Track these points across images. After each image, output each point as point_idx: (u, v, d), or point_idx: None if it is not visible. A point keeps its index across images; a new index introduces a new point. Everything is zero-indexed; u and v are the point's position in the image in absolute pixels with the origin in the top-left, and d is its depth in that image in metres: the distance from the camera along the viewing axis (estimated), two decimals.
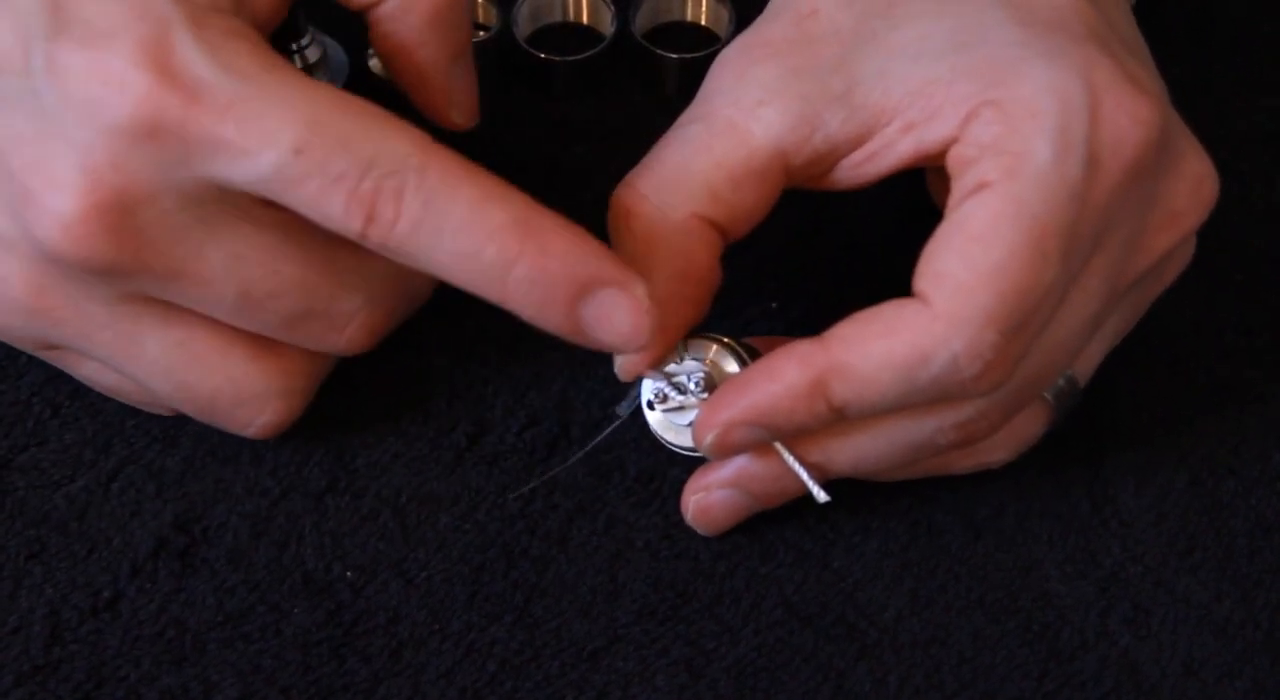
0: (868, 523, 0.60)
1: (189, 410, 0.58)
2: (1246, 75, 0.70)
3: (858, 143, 0.55)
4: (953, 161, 0.54)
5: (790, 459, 0.56)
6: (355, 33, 0.62)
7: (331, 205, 0.52)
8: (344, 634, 0.58)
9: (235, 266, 0.54)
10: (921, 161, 0.55)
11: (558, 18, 0.71)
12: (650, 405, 0.57)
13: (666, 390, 0.56)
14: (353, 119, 0.51)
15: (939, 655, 0.58)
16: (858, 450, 0.56)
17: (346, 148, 0.51)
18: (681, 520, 0.60)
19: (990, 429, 0.55)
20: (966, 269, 0.51)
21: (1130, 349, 0.62)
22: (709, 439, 0.55)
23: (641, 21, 0.69)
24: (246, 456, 0.60)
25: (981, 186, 0.52)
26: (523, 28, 0.69)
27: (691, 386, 0.56)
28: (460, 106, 0.60)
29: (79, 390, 0.61)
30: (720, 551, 0.60)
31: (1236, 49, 0.71)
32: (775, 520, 0.60)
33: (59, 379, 0.61)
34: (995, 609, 0.59)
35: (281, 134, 0.51)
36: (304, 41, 0.65)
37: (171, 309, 0.56)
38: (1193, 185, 0.55)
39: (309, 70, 0.66)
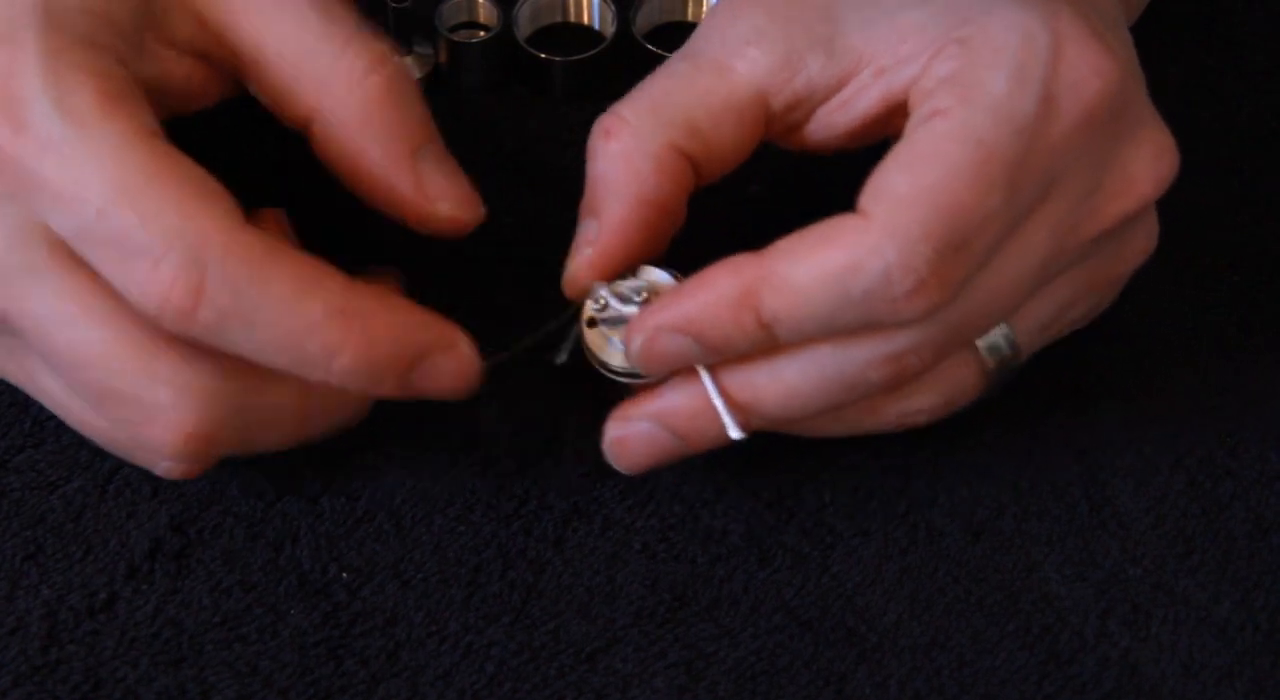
0: (866, 526, 0.60)
1: (100, 446, 0.57)
2: (1246, 75, 0.70)
3: (836, 89, 0.56)
4: (913, 97, 0.54)
5: (709, 382, 0.55)
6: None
7: (129, 280, 0.51)
8: (341, 635, 0.58)
9: (50, 326, 0.53)
10: (889, 108, 0.56)
11: (558, 18, 0.71)
12: (591, 322, 0.57)
13: (608, 297, 0.56)
14: (164, 189, 0.51)
15: (939, 659, 0.58)
16: (786, 386, 0.55)
17: (148, 221, 0.50)
18: (679, 523, 0.60)
19: (921, 365, 0.55)
20: (908, 184, 0.52)
21: (1126, 348, 0.62)
22: (636, 343, 0.55)
23: (642, 22, 0.69)
24: (242, 458, 0.60)
25: (935, 114, 0.53)
26: (523, 28, 0.69)
27: (634, 296, 0.56)
28: (450, 199, 0.57)
29: None
30: (718, 555, 0.59)
31: (1236, 49, 0.71)
32: (773, 525, 0.60)
33: None
34: (995, 611, 0.59)
35: (90, 191, 0.50)
36: None
37: None
38: (1152, 153, 0.56)
39: None
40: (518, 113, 0.68)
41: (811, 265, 0.52)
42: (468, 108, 0.68)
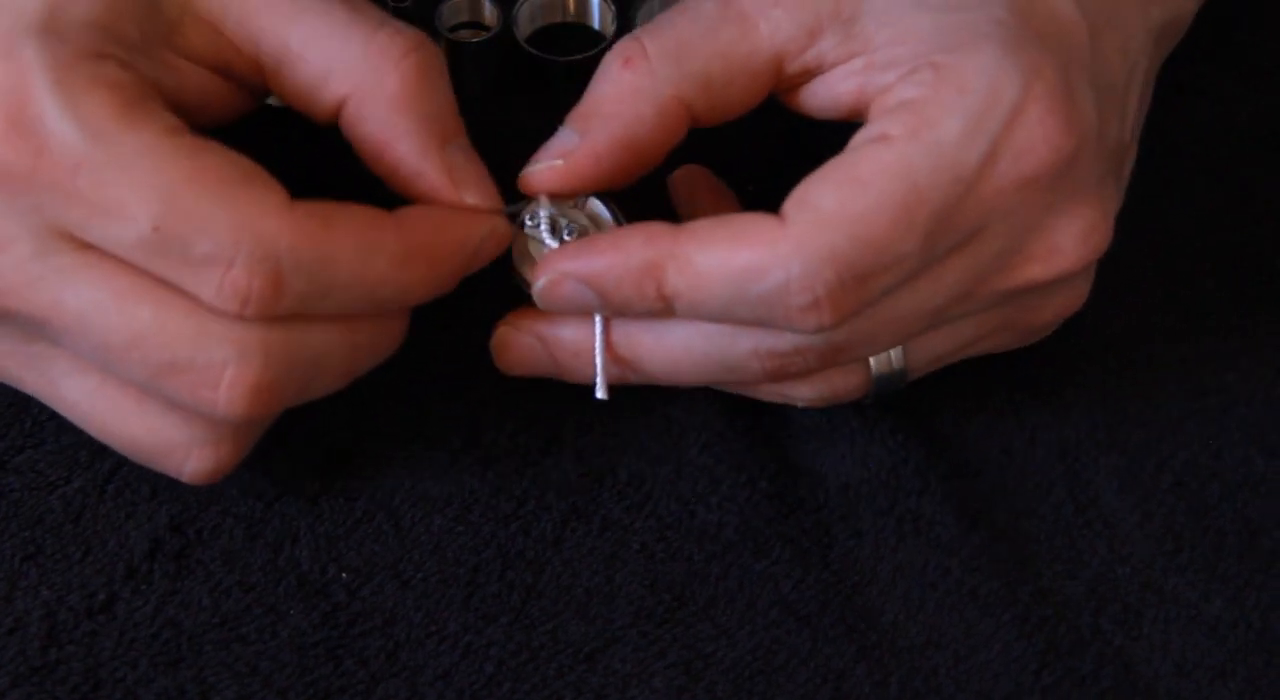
0: (858, 525, 0.60)
1: (121, 452, 0.57)
2: (1246, 75, 0.70)
3: (835, 66, 0.57)
4: (874, 108, 0.55)
5: (599, 336, 0.57)
6: None
7: (200, 285, 0.51)
8: (340, 636, 0.58)
9: (93, 315, 0.52)
10: (858, 104, 0.56)
11: (558, 18, 0.71)
12: (522, 224, 0.58)
13: (543, 221, 0.57)
14: (213, 192, 0.51)
15: (935, 656, 0.58)
16: (668, 355, 0.56)
17: (208, 228, 0.51)
18: (676, 523, 0.60)
19: (804, 370, 0.56)
20: (832, 204, 0.52)
21: (1112, 350, 0.62)
22: (540, 282, 0.56)
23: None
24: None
25: (883, 138, 0.53)
26: (523, 28, 0.69)
27: (564, 231, 0.57)
28: (476, 188, 0.57)
29: None
30: (714, 553, 0.59)
31: (1236, 49, 0.71)
32: (770, 520, 0.60)
33: None
34: (991, 601, 0.59)
35: (137, 208, 0.50)
36: None
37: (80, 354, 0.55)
38: (1083, 229, 0.56)
39: None
40: (518, 113, 0.68)
41: (719, 257, 0.53)
42: (468, 108, 0.68)
